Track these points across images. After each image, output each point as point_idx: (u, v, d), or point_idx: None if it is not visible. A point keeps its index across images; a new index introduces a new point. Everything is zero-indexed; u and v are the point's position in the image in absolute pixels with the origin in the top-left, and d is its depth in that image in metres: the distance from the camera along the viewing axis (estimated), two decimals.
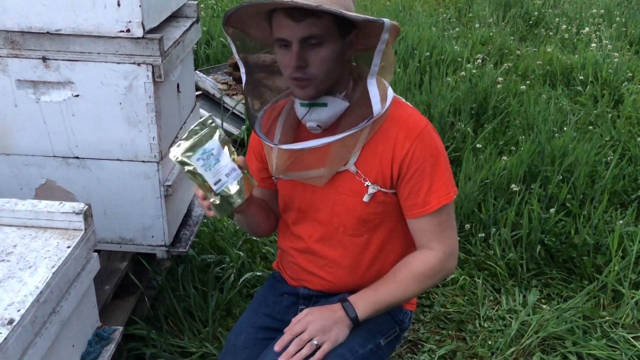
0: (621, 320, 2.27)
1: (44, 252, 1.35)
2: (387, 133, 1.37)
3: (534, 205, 2.62)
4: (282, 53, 1.30)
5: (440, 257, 1.42)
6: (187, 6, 2.05)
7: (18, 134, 1.80)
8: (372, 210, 1.42)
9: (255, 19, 1.33)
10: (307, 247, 1.52)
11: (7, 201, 1.45)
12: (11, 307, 1.19)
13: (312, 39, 1.26)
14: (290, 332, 1.37)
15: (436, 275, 1.44)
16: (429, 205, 1.38)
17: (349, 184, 1.41)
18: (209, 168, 1.29)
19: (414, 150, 1.36)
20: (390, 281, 1.44)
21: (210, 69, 4.16)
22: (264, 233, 1.63)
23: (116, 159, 1.82)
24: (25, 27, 1.65)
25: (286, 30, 1.26)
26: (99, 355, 1.50)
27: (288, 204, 1.52)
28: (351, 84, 1.39)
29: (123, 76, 1.70)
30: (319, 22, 1.25)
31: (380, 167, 1.38)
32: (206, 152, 1.28)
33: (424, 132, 1.38)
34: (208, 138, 1.30)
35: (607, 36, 5.09)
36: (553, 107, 3.68)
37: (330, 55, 1.29)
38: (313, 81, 1.31)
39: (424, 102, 3.60)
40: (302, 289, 1.58)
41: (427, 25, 5.24)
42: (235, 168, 1.31)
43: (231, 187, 1.31)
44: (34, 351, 1.20)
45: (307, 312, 1.41)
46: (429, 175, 1.37)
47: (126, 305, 1.96)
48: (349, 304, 1.41)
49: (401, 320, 1.56)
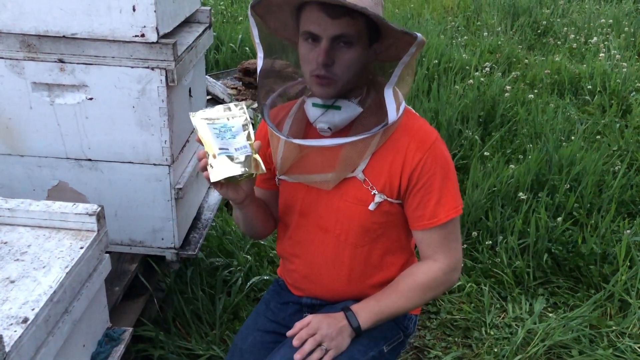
0: (628, 330, 2.26)
1: (58, 253, 1.37)
2: (398, 143, 1.37)
3: (541, 214, 2.63)
4: (307, 47, 1.28)
5: (444, 269, 1.41)
6: (200, 12, 2.07)
7: (32, 136, 1.82)
8: (376, 219, 1.41)
9: (285, 8, 1.31)
10: (307, 253, 1.51)
11: (22, 201, 1.47)
12: (25, 306, 1.21)
13: (344, 39, 1.25)
14: (299, 338, 1.36)
15: (439, 287, 1.44)
16: (437, 217, 1.37)
17: (355, 192, 1.40)
18: (222, 138, 1.27)
19: (425, 162, 1.35)
20: (393, 291, 1.43)
21: (220, 74, 4.19)
22: (261, 234, 1.59)
23: (128, 161, 1.84)
24: (42, 31, 1.68)
25: (319, 25, 1.25)
26: (108, 356, 1.52)
27: (289, 207, 1.50)
28: (365, 92, 1.39)
29: (137, 80, 1.73)
30: (354, 23, 1.24)
31: (389, 177, 1.38)
32: (226, 126, 1.29)
33: (435, 144, 1.37)
34: (234, 119, 1.31)
35: (615, 46, 5.09)
36: (561, 116, 3.68)
37: (356, 58, 1.28)
38: (335, 81, 1.29)
39: (431, 110, 3.61)
40: (305, 298, 1.57)
41: (435, 33, 5.26)
42: (248, 147, 1.27)
43: (235, 158, 1.25)
44: (46, 350, 1.22)
45: (312, 317, 1.41)
46: (438, 188, 1.37)
47: (135, 307, 1.97)
48: (352, 313, 1.40)
49: (405, 326, 1.55)
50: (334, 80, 1.29)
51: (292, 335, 1.40)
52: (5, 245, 1.39)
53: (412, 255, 1.55)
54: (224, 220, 2.67)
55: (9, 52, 1.70)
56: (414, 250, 1.55)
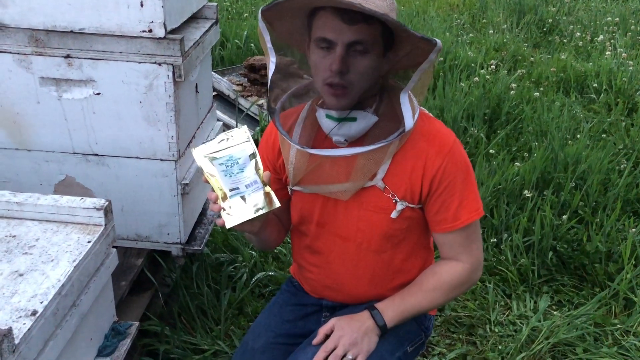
0: (633, 328, 2.26)
1: (65, 246, 1.38)
2: (417, 148, 1.34)
3: (547, 212, 2.63)
4: (321, 54, 1.24)
5: (468, 268, 1.41)
6: (207, 7, 2.08)
7: (40, 131, 1.83)
8: (398, 226, 1.39)
9: (297, 14, 1.27)
10: (326, 263, 1.48)
11: (30, 196, 1.48)
12: (34, 299, 1.22)
13: (359, 45, 1.21)
14: (324, 349, 1.35)
15: (463, 286, 1.44)
16: (459, 220, 1.37)
17: (376, 200, 1.37)
18: (230, 175, 1.23)
19: (446, 166, 1.33)
20: (417, 290, 1.43)
21: (225, 70, 4.20)
22: (272, 247, 1.58)
23: (135, 156, 1.85)
24: (50, 26, 1.69)
25: (334, 31, 1.20)
26: (115, 349, 1.53)
27: (306, 217, 1.46)
28: (378, 99, 1.35)
29: (144, 75, 1.73)
30: (370, 30, 1.21)
31: (409, 183, 1.35)
32: (232, 159, 1.23)
33: (454, 147, 1.35)
34: (238, 147, 1.25)
35: (621, 44, 5.08)
36: (566, 114, 3.68)
37: (371, 66, 1.24)
38: (349, 90, 1.25)
39: (437, 107, 3.61)
40: (325, 301, 1.56)
41: (441, 30, 5.25)
42: (258, 181, 1.22)
43: (248, 198, 1.22)
44: (54, 343, 1.23)
45: (335, 323, 1.39)
46: (460, 191, 1.35)
47: (141, 301, 1.98)
48: (378, 312, 1.40)
49: (426, 327, 1.55)
50: (348, 90, 1.25)
51: (317, 343, 1.38)
52: (14, 238, 1.40)
53: (430, 254, 1.55)
54: None
55: (17, 46, 1.71)
56: (432, 249, 1.55)
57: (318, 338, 1.38)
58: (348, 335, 1.35)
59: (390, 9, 1.24)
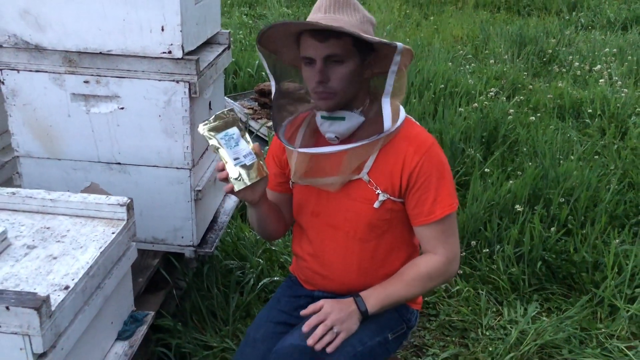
0: (617, 332, 2.39)
1: (93, 236, 1.58)
2: (399, 148, 1.54)
3: (536, 224, 2.78)
4: (307, 70, 1.49)
5: (444, 261, 1.58)
6: (220, 34, 2.30)
7: (69, 142, 2.04)
8: (380, 216, 1.58)
9: (288, 40, 1.51)
10: (319, 251, 1.68)
11: (62, 194, 1.68)
12: (67, 277, 1.41)
13: (334, 57, 1.44)
14: (316, 318, 1.52)
15: (439, 277, 1.60)
16: (433, 214, 1.55)
17: (362, 192, 1.57)
18: (230, 147, 1.47)
19: (422, 164, 1.53)
20: (398, 280, 1.60)
21: (238, 96, 4.44)
22: (272, 234, 1.76)
23: (153, 165, 2.04)
24: (82, 48, 1.91)
25: (311, 49, 1.45)
26: (133, 334, 1.70)
27: (302, 208, 1.68)
28: (368, 102, 1.57)
29: (163, 92, 1.94)
30: (340, 43, 1.43)
31: (390, 178, 1.55)
32: (228, 135, 1.48)
33: (431, 148, 1.55)
34: (230, 125, 1.50)
35: (617, 73, 5.25)
36: (560, 136, 3.84)
37: (349, 72, 1.46)
38: (334, 95, 1.48)
39: (436, 130, 3.79)
40: (317, 292, 1.74)
41: (444, 60, 5.46)
42: (252, 152, 1.48)
43: (248, 165, 1.48)
44: (82, 317, 1.41)
45: (324, 302, 1.56)
46: (435, 188, 1.54)
47: (156, 299, 2.15)
48: (361, 299, 1.57)
49: (408, 318, 1.71)
50: (332, 94, 1.48)
51: (305, 315, 1.55)
52: (48, 230, 1.60)
53: (415, 251, 1.72)
54: (239, 227, 2.86)
55: (53, 66, 1.93)
56: (417, 246, 1.72)
57: (307, 311, 1.55)
58: (335, 312, 1.53)
59: (360, 21, 1.46)
